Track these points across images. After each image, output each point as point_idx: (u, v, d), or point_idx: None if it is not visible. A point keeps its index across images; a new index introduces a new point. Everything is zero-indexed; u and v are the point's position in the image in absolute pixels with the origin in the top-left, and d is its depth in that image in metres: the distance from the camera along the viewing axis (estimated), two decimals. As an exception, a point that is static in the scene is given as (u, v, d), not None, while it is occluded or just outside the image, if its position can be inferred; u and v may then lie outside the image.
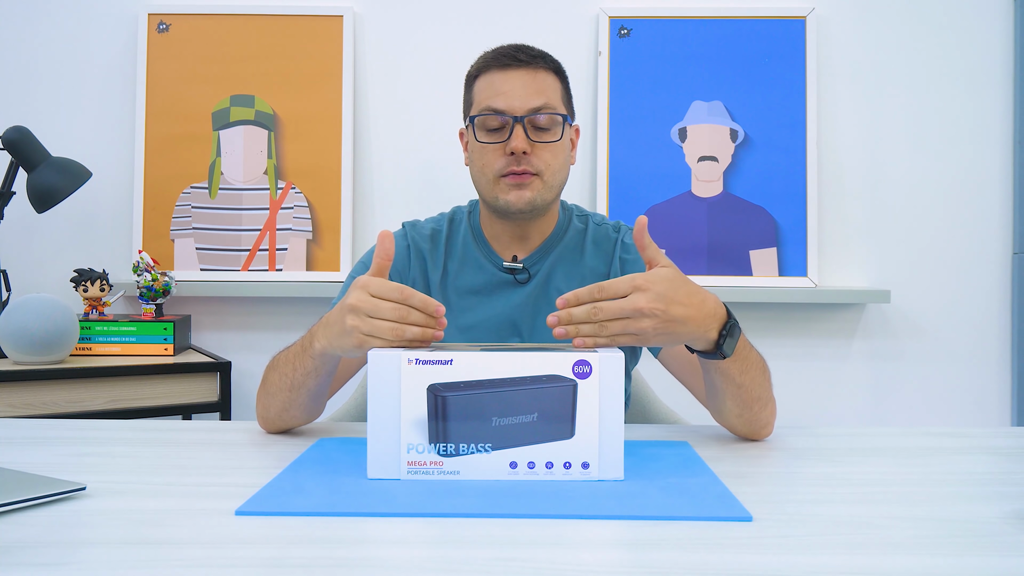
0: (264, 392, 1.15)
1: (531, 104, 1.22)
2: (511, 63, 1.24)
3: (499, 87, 1.23)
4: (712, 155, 2.31)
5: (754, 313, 2.32)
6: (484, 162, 1.25)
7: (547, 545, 0.72)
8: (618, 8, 2.33)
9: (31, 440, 1.10)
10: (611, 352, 0.91)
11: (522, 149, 1.21)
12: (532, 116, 1.22)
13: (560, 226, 1.33)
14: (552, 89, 1.25)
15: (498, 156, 1.23)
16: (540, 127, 1.23)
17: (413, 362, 0.90)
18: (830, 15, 2.34)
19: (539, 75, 1.24)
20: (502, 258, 1.31)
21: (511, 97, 1.22)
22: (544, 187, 1.24)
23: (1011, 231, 2.35)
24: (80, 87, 2.34)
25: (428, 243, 1.33)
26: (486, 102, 1.23)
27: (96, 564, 0.68)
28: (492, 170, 1.24)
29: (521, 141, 1.21)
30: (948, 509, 0.84)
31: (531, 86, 1.23)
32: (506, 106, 1.22)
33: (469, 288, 1.31)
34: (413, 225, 1.36)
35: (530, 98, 1.22)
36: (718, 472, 0.95)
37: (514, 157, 1.22)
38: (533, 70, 1.24)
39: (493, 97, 1.23)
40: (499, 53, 1.26)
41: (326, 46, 2.33)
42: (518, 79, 1.23)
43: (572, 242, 1.32)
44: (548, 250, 1.31)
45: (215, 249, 2.31)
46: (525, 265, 1.30)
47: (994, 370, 2.35)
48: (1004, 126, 2.35)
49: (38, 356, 1.85)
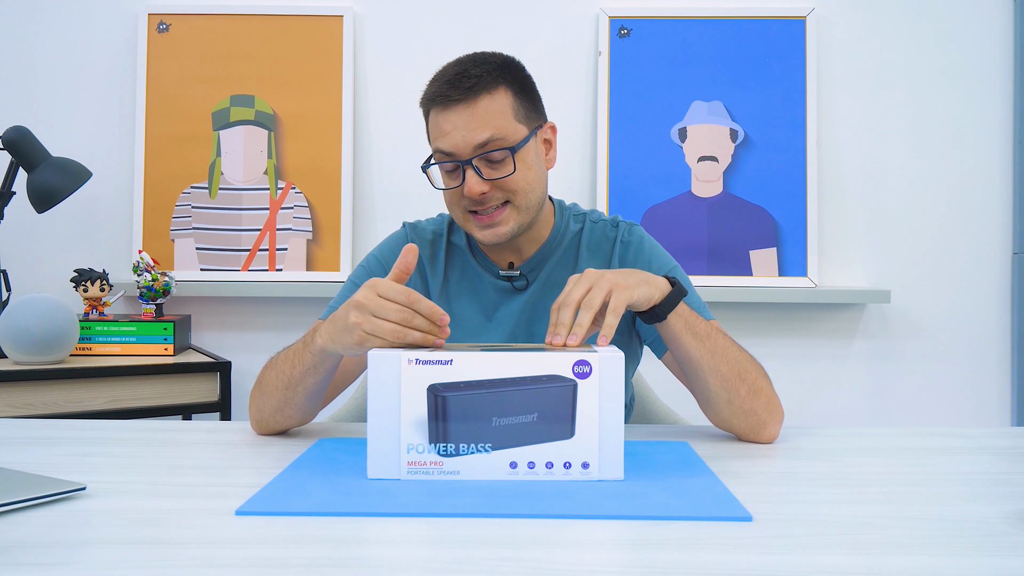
0: (259, 392, 1.15)
1: (476, 139, 1.15)
2: (447, 102, 1.16)
3: (443, 128, 1.17)
4: (712, 155, 2.31)
5: (754, 313, 2.32)
6: (450, 202, 1.22)
7: (547, 545, 0.72)
8: (618, 8, 2.33)
9: (31, 440, 1.10)
10: (611, 352, 0.91)
11: (477, 192, 1.17)
12: (480, 154, 1.16)
13: (556, 230, 1.31)
14: (499, 113, 1.17)
15: (459, 196, 1.20)
16: (493, 161, 1.17)
17: (413, 362, 0.90)
18: (830, 15, 2.34)
19: (480, 105, 1.16)
20: (498, 266, 1.30)
21: (455, 138, 1.16)
22: (518, 212, 1.20)
23: (1011, 231, 2.35)
24: (80, 87, 2.34)
25: (429, 247, 1.32)
26: (435, 144, 1.19)
27: (96, 564, 0.68)
28: (459, 211, 1.22)
29: (475, 185, 1.16)
30: (948, 509, 0.84)
31: (472, 123, 1.16)
32: (452, 148, 1.17)
33: (470, 299, 1.30)
34: (415, 227, 1.35)
35: (475, 133, 1.15)
36: (718, 472, 0.95)
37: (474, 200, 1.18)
38: (472, 102, 1.16)
39: (439, 139, 1.18)
40: (435, 92, 1.18)
41: (326, 46, 2.33)
42: (458, 118, 1.16)
43: (569, 245, 1.31)
44: (545, 256, 1.30)
45: (215, 249, 2.31)
46: (522, 272, 1.29)
47: (994, 370, 2.35)
48: (1004, 126, 2.35)
49: (38, 356, 1.85)
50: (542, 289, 1.29)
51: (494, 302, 1.29)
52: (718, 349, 1.11)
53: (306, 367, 1.08)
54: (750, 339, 2.32)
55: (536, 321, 1.28)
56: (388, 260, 1.30)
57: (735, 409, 1.12)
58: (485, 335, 1.28)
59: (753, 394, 1.11)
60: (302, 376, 1.09)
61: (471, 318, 1.29)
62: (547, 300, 1.28)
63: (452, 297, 1.30)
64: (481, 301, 1.30)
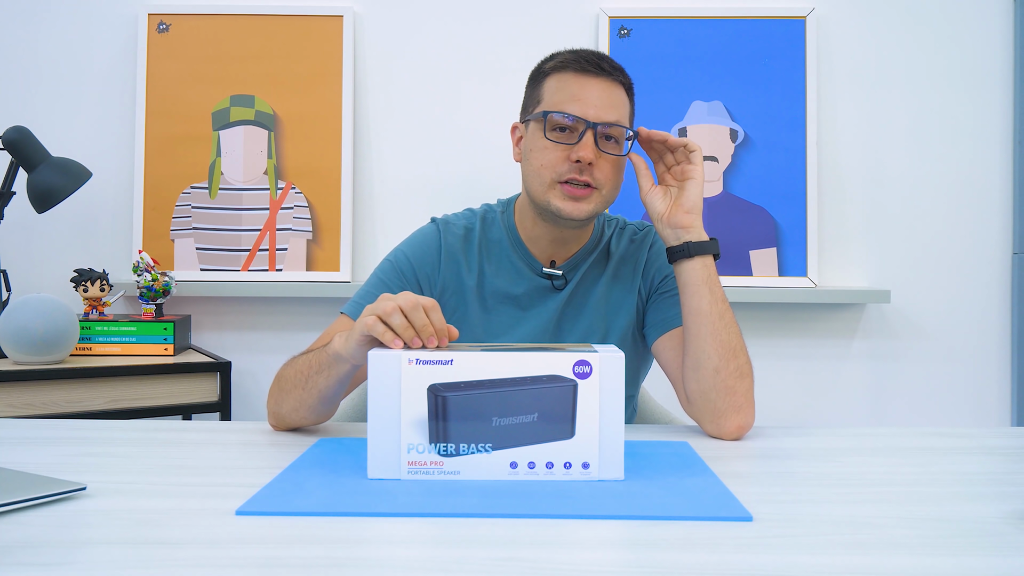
0: (278, 388, 1.15)
1: (606, 116, 1.19)
2: (592, 70, 1.20)
3: (576, 92, 1.20)
4: (712, 155, 2.31)
5: (754, 313, 2.33)
6: (544, 162, 1.21)
7: (547, 545, 0.72)
8: (618, 8, 2.33)
9: (31, 440, 1.10)
10: (611, 352, 0.91)
11: (588, 159, 1.18)
12: (604, 127, 1.19)
13: (595, 234, 1.33)
14: (624, 106, 1.23)
15: (560, 159, 1.20)
16: (608, 139, 1.21)
17: (413, 362, 0.90)
18: (830, 15, 2.34)
19: (616, 89, 1.22)
20: (540, 263, 1.30)
21: (587, 104, 1.19)
22: (601, 201, 1.23)
23: (1011, 231, 2.35)
24: (80, 87, 2.34)
25: (462, 243, 1.31)
26: (562, 104, 1.20)
27: (96, 564, 0.68)
28: (551, 173, 1.21)
29: (589, 150, 1.18)
30: (948, 509, 0.84)
31: (608, 98, 1.20)
32: (581, 112, 1.19)
33: (506, 294, 1.30)
34: (446, 223, 1.33)
35: (606, 110, 1.20)
36: (718, 472, 0.95)
37: (578, 165, 1.19)
38: (611, 83, 1.21)
39: (569, 101, 1.20)
40: (580, 56, 1.22)
41: (326, 46, 2.33)
42: (597, 88, 1.20)
43: (603, 250, 1.33)
44: (584, 258, 1.31)
45: (215, 249, 2.31)
46: (563, 271, 1.30)
47: (994, 370, 2.35)
48: (1004, 126, 2.35)
49: (38, 356, 1.85)
50: (576, 289, 1.30)
51: (531, 298, 1.30)
52: (726, 316, 1.16)
53: (319, 366, 1.08)
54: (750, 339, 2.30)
55: (567, 320, 1.29)
56: (416, 258, 1.30)
57: (719, 381, 1.13)
58: (518, 329, 1.29)
59: (740, 375, 1.14)
60: (315, 376, 1.09)
61: (506, 312, 1.29)
62: (579, 298, 1.30)
63: (487, 292, 1.30)
64: (518, 296, 1.30)
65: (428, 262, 1.29)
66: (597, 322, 1.30)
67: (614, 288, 1.31)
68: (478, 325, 1.29)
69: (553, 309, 1.29)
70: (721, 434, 1.14)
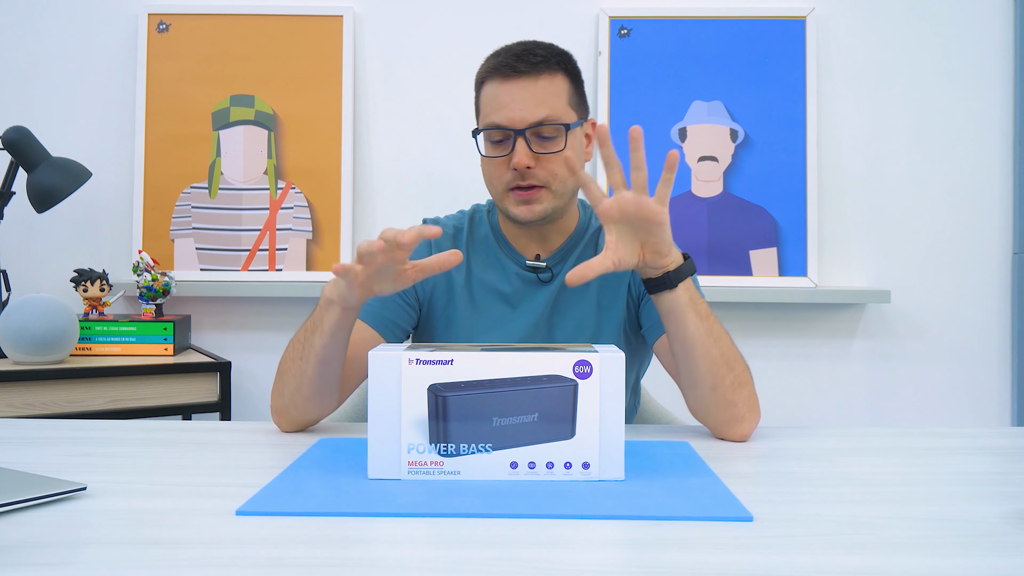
0: (279, 376, 1.15)
1: (532, 117, 1.20)
2: (512, 73, 1.20)
3: (500, 99, 1.21)
4: (712, 155, 2.31)
5: (754, 313, 2.33)
6: (490, 175, 1.25)
7: (547, 545, 0.72)
8: (618, 8, 2.33)
9: (31, 440, 1.10)
10: (611, 352, 0.91)
11: (524, 164, 1.19)
12: (534, 128, 1.20)
13: (581, 225, 1.33)
14: (556, 96, 1.22)
15: (503, 170, 1.22)
16: (544, 137, 1.21)
17: (413, 362, 0.90)
18: (830, 15, 2.34)
19: (541, 83, 1.21)
20: (524, 257, 1.31)
21: (512, 111, 1.20)
22: (553, 196, 1.23)
23: (1011, 231, 2.35)
24: (80, 87, 2.34)
25: (450, 242, 1.32)
26: (489, 116, 1.22)
27: (96, 564, 0.68)
28: (499, 183, 1.24)
29: (523, 156, 1.19)
30: (948, 509, 0.84)
31: (532, 98, 1.20)
32: (507, 120, 1.20)
33: (495, 290, 1.31)
34: (435, 223, 1.34)
35: (531, 111, 1.20)
36: (718, 472, 0.95)
37: (518, 172, 1.21)
38: (535, 78, 1.21)
39: (495, 111, 1.21)
40: (500, 62, 1.22)
41: (326, 46, 2.33)
42: (519, 91, 1.20)
43: (590, 240, 1.33)
44: (570, 249, 1.32)
45: (215, 249, 2.31)
46: (548, 264, 1.30)
47: (994, 370, 2.35)
48: (1004, 126, 2.35)
49: (38, 356, 1.85)
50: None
51: (519, 293, 1.30)
52: (714, 331, 1.12)
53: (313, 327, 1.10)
54: (750, 339, 2.33)
55: (558, 314, 1.29)
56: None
57: (717, 397, 1.12)
58: (509, 325, 1.29)
59: (737, 386, 1.12)
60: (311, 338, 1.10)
61: (495, 308, 1.30)
62: (569, 293, 1.29)
63: (476, 288, 1.31)
64: (506, 291, 1.30)
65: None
66: (588, 317, 1.30)
67: (605, 281, 1.30)
68: (468, 321, 1.30)
69: (543, 303, 1.29)
70: (727, 440, 1.14)
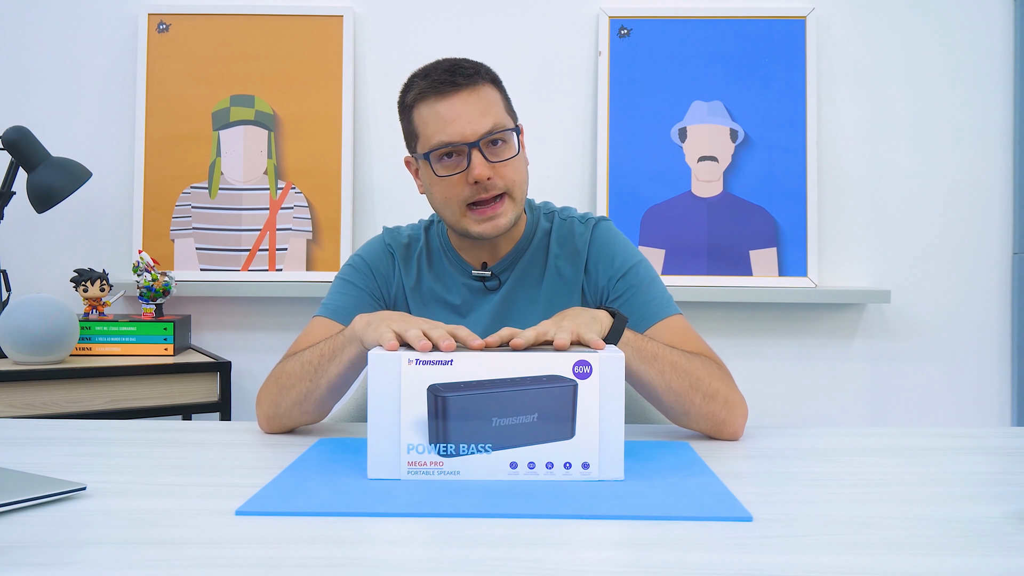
0: (276, 386, 1.15)
1: (482, 128, 1.17)
2: (450, 89, 1.18)
3: (445, 115, 1.18)
4: (712, 155, 2.31)
5: (754, 313, 2.33)
6: (447, 195, 1.21)
7: (547, 545, 0.72)
8: (618, 8, 2.33)
9: (31, 440, 1.10)
10: (611, 352, 0.91)
11: (486, 176, 1.17)
12: (487, 138, 1.18)
13: (528, 230, 1.31)
14: (495, 104, 1.21)
15: (460, 186, 1.19)
16: (495, 144, 1.19)
17: (413, 362, 0.90)
18: (830, 15, 2.34)
19: (480, 92, 1.19)
20: (471, 266, 1.31)
21: (460, 125, 1.17)
22: (515, 205, 1.22)
23: (1011, 231, 2.35)
24: (80, 87, 2.34)
25: (403, 251, 1.33)
26: (436, 136, 1.19)
27: (96, 564, 0.68)
28: (457, 201, 1.21)
29: (482, 168, 1.17)
30: (948, 509, 0.84)
31: (476, 109, 1.18)
32: (458, 136, 1.17)
33: (442, 300, 1.31)
34: (392, 230, 1.37)
35: (479, 121, 1.17)
36: (718, 472, 0.95)
37: (479, 185, 1.18)
38: (473, 89, 1.19)
39: (441, 129, 1.18)
40: (434, 81, 1.19)
41: (326, 46, 2.33)
42: (461, 104, 1.18)
43: (540, 244, 1.31)
44: (517, 256, 1.31)
45: (215, 249, 2.31)
46: (495, 272, 1.30)
47: (994, 370, 2.35)
48: (1004, 126, 2.35)
49: (38, 356, 1.85)
50: (514, 288, 1.30)
51: (468, 302, 1.31)
52: (667, 367, 1.10)
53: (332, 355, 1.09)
54: (750, 339, 2.33)
55: (508, 320, 1.29)
56: (373, 261, 1.33)
57: (692, 417, 1.13)
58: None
59: (708, 399, 1.11)
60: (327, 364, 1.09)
61: (445, 318, 1.29)
62: (519, 299, 1.29)
63: (425, 298, 1.31)
64: (454, 302, 1.31)
65: (383, 263, 1.32)
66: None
67: (559, 289, 1.29)
68: None
69: (488, 312, 1.29)
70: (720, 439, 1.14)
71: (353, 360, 1.08)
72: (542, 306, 1.29)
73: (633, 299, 1.25)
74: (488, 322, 1.29)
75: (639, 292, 1.25)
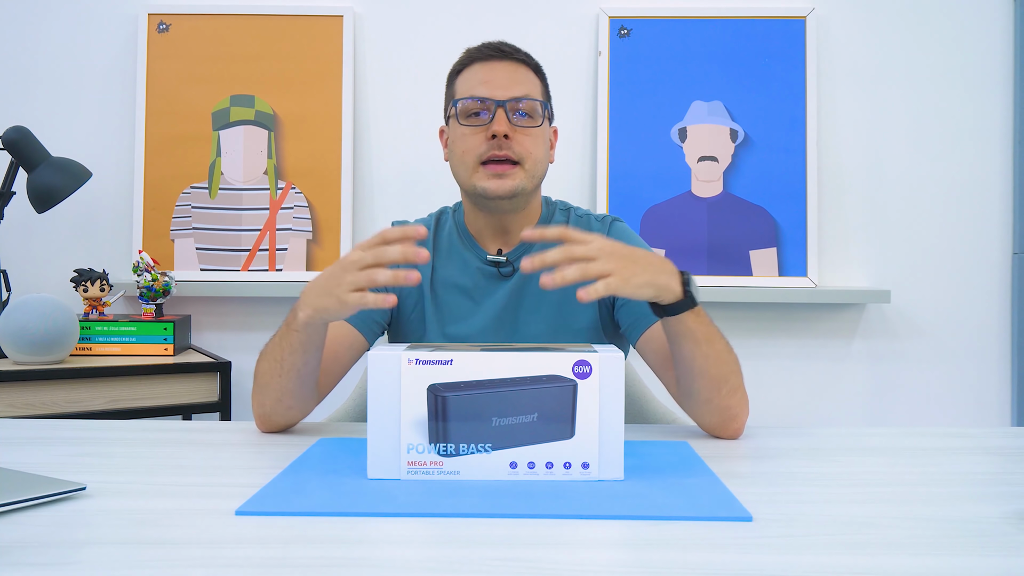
0: (258, 387, 1.15)
1: (513, 92, 1.25)
2: (494, 55, 1.27)
3: (482, 76, 1.26)
4: (712, 155, 2.31)
5: (754, 313, 2.32)
6: (465, 147, 1.26)
7: (547, 545, 0.72)
8: (618, 8, 2.33)
9: (31, 440, 1.10)
10: (611, 352, 0.91)
11: (503, 132, 1.22)
12: (514, 102, 1.24)
13: (543, 220, 1.35)
14: (533, 84, 1.28)
15: (479, 141, 1.24)
16: (523, 114, 1.25)
17: (413, 362, 0.90)
18: (830, 15, 2.34)
19: (521, 69, 1.28)
20: (486, 251, 1.32)
21: (493, 85, 1.25)
22: (525, 175, 1.25)
23: (1011, 231, 2.35)
24: (80, 87, 2.34)
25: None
26: (469, 91, 1.26)
27: (96, 564, 0.68)
28: (473, 156, 1.25)
29: (503, 124, 1.23)
30: (948, 509, 0.84)
31: (513, 76, 1.26)
32: (488, 92, 1.25)
33: (456, 284, 1.32)
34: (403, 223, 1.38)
35: (512, 87, 1.25)
36: (718, 472, 0.95)
37: (495, 141, 1.23)
38: (515, 63, 1.28)
39: (476, 86, 1.26)
40: (481, 47, 1.29)
41: (326, 46, 2.33)
42: (500, 69, 1.26)
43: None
44: (531, 244, 1.31)
45: (215, 249, 2.31)
46: (509, 258, 1.31)
47: (994, 370, 2.35)
48: (1004, 126, 2.35)
49: (38, 356, 1.85)
50: (527, 276, 1.30)
51: (481, 288, 1.31)
52: (712, 353, 1.11)
53: (293, 347, 1.10)
54: (750, 339, 2.33)
55: (521, 308, 1.30)
56: None
57: (712, 407, 1.13)
58: (472, 319, 1.30)
59: (731, 392, 1.13)
60: (291, 358, 1.10)
61: (460, 304, 1.31)
62: (532, 287, 1.30)
63: (440, 285, 1.32)
64: (468, 287, 1.32)
65: None
66: (555, 314, 1.30)
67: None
68: (431, 316, 1.31)
69: (503, 297, 1.30)
70: (720, 438, 1.15)
71: (314, 345, 1.10)
72: (555, 296, 1.30)
73: None
74: (500, 308, 1.30)
75: None
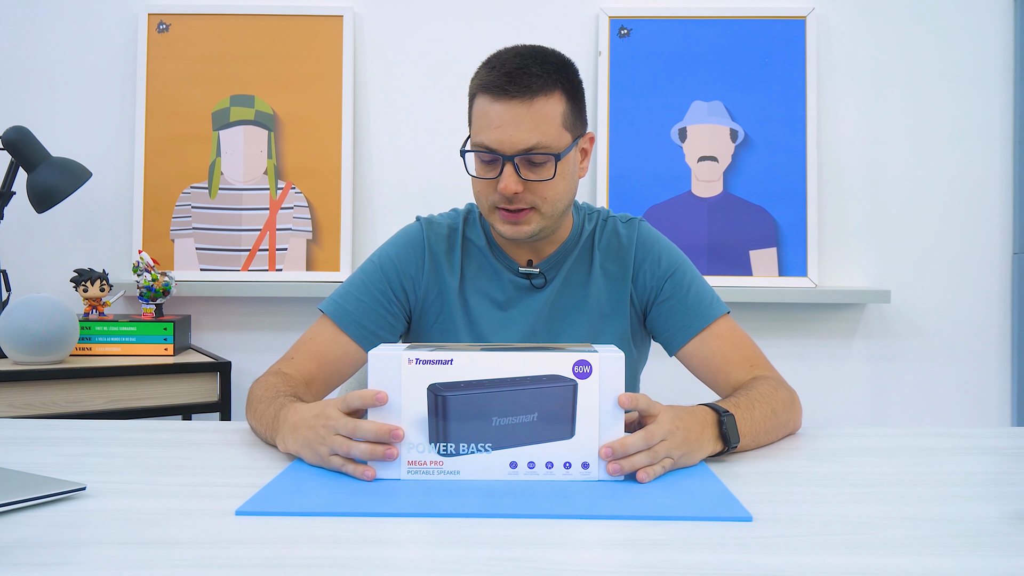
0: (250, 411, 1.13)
1: (522, 144, 1.15)
2: (503, 95, 1.15)
3: (491, 120, 1.16)
4: (712, 155, 2.31)
5: (754, 313, 2.32)
6: (478, 190, 1.23)
7: (547, 545, 0.72)
8: (618, 8, 2.33)
9: (31, 440, 1.10)
10: (611, 352, 0.91)
11: (511, 191, 1.16)
12: (523, 156, 1.16)
13: (575, 231, 1.31)
14: (549, 120, 1.16)
15: (491, 190, 1.19)
16: (534, 164, 1.17)
17: (413, 362, 0.90)
18: (830, 15, 2.34)
19: (535, 105, 1.15)
20: (517, 263, 1.30)
21: (502, 133, 1.15)
22: (542, 218, 1.21)
23: (1011, 231, 2.35)
24: (80, 87, 2.34)
25: (444, 244, 1.31)
26: (478, 136, 1.18)
27: (96, 564, 0.68)
28: (486, 200, 1.22)
29: (510, 183, 1.16)
30: (948, 509, 0.84)
31: (524, 122, 1.15)
32: (496, 144, 1.15)
33: (487, 296, 1.30)
34: (430, 223, 1.33)
35: (522, 136, 1.15)
36: (718, 472, 0.95)
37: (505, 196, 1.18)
38: (528, 101, 1.14)
39: (484, 130, 1.16)
40: (494, 79, 1.16)
41: (326, 46, 2.33)
42: (510, 113, 1.15)
43: (585, 245, 1.31)
44: (564, 256, 1.30)
45: (215, 249, 2.31)
46: (541, 270, 1.29)
47: (994, 370, 2.35)
48: (1004, 126, 2.34)
49: (38, 356, 1.85)
50: (561, 288, 1.29)
51: (512, 299, 1.29)
52: (761, 432, 1.09)
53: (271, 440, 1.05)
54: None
55: (556, 320, 1.29)
56: (401, 259, 1.30)
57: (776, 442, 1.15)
58: (502, 331, 1.28)
59: (784, 428, 1.15)
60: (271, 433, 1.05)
61: (489, 314, 1.29)
62: (566, 298, 1.29)
63: (469, 294, 1.30)
64: (498, 297, 1.30)
65: (412, 263, 1.30)
66: (589, 325, 1.29)
67: (606, 289, 1.30)
68: (462, 327, 1.29)
69: (535, 310, 1.28)
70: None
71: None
72: (593, 309, 1.29)
73: (684, 301, 1.27)
74: (532, 320, 1.28)
75: (688, 294, 1.28)
